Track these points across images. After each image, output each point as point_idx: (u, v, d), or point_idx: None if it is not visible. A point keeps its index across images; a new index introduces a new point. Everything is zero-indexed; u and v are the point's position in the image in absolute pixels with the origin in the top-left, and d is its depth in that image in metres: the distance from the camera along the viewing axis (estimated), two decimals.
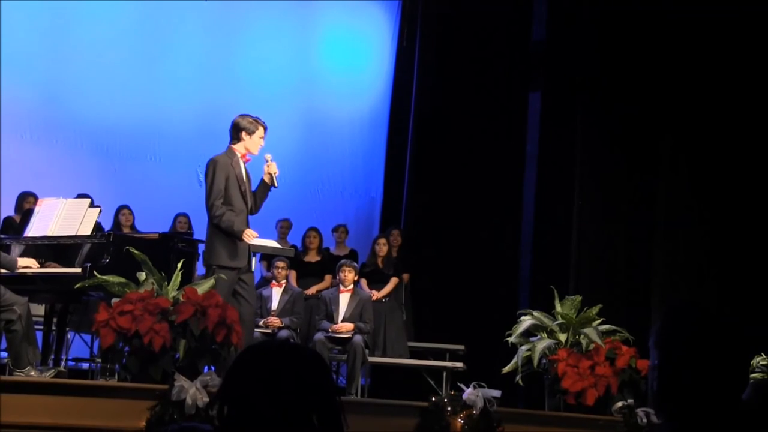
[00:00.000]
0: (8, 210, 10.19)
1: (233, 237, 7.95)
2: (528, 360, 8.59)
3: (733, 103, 11.72)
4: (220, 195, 7.98)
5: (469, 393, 7.46)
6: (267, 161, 8.26)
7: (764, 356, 9.07)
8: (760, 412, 2.58)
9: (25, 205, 9.73)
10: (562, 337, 8.62)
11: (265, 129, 8.21)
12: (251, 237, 7.98)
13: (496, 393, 7.68)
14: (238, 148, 8.15)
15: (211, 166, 8.05)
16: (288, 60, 13.54)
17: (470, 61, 12.90)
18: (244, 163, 8.20)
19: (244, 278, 8.09)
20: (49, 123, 11.89)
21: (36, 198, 9.42)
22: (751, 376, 8.21)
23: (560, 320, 8.67)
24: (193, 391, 6.28)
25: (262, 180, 8.28)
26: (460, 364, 10.70)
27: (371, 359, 10.58)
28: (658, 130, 12.10)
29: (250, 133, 8.14)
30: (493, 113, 12.72)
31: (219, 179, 7.99)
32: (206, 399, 6.22)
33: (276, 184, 8.28)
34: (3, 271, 7.42)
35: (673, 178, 12.10)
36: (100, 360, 8.35)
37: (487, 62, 12.83)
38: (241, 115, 8.18)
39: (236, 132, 8.15)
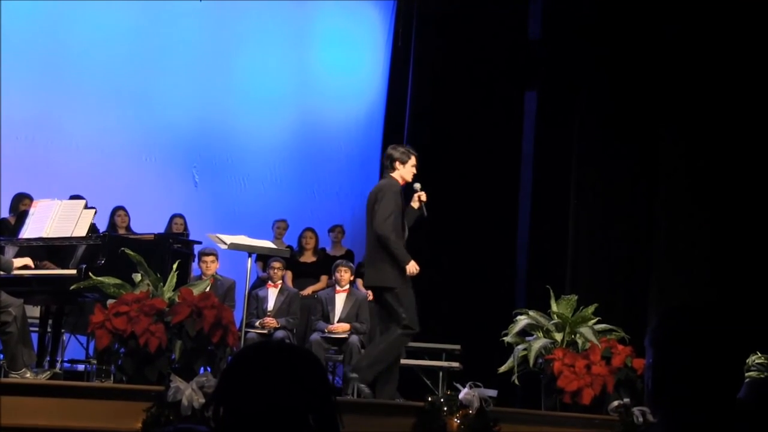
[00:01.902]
0: (3, 211, 10.18)
1: (396, 261, 8.14)
2: (524, 359, 8.59)
3: (732, 103, 11.72)
4: (392, 218, 8.20)
5: (465, 393, 7.46)
6: (417, 190, 8.46)
7: (760, 355, 9.07)
8: (755, 410, 2.59)
9: (21, 206, 9.71)
10: (558, 336, 8.62)
11: (416, 158, 8.44)
12: (415, 270, 8.18)
13: (493, 393, 7.68)
14: (394, 175, 8.38)
15: (389, 190, 8.27)
16: (284, 60, 13.53)
17: (466, 61, 12.89)
18: (418, 193, 8.48)
19: None
20: (44, 124, 11.87)
21: (31, 199, 9.41)
22: (747, 374, 8.22)
23: (556, 319, 8.68)
24: (189, 393, 6.27)
25: (410, 206, 8.46)
26: (456, 364, 10.72)
27: None
28: (656, 129, 12.11)
29: (404, 162, 8.38)
30: (489, 112, 12.72)
31: (397, 207, 8.23)
32: (202, 400, 6.21)
33: (425, 213, 8.48)
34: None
35: (671, 177, 12.10)
36: (95, 361, 8.33)
37: (482, 61, 12.82)
38: (393, 147, 8.50)
39: (391, 162, 8.40)
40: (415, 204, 8.45)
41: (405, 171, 8.39)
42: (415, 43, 13.58)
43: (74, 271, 7.38)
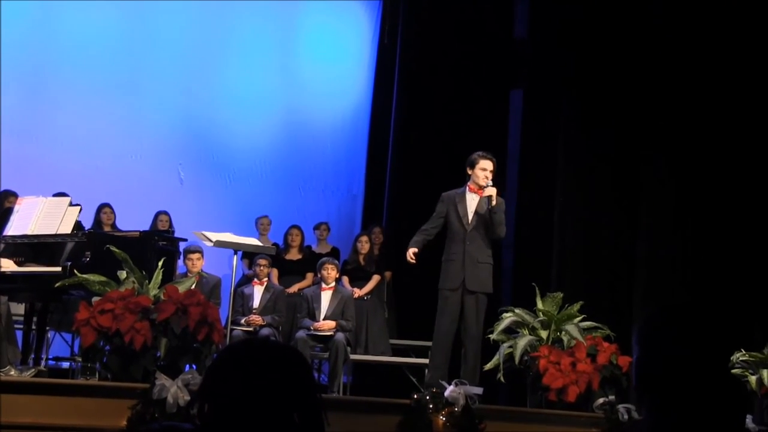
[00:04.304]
0: None
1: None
2: (510, 357, 8.61)
3: (715, 102, 11.74)
4: (433, 222, 8.89)
5: (451, 390, 7.47)
6: (484, 186, 8.70)
7: (743, 352, 9.11)
8: (737, 407, 2.59)
9: (6, 203, 9.68)
10: (544, 333, 8.64)
11: (492, 162, 8.73)
12: (409, 255, 8.85)
13: (478, 390, 7.69)
14: (469, 183, 8.76)
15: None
16: (270, 58, 13.52)
17: (452, 59, 12.91)
18: (478, 195, 8.72)
19: (467, 300, 8.61)
20: (30, 122, 11.84)
21: (16, 196, 9.38)
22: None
23: (542, 317, 8.70)
24: (174, 390, 6.26)
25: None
26: None
27: (353, 357, 10.59)
28: (640, 128, 12.12)
29: (472, 167, 8.74)
30: (475, 110, 12.72)
31: (437, 212, 8.91)
32: (187, 397, 6.21)
33: (488, 206, 8.65)
34: None
35: (656, 176, 12.12)
36: (80, 359, 8.32)
37: (468, 60, 12.83)
38: (474, 152, 8.81)
39: (465, 168, 8.79)
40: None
41: (474, 175, 8.73)
42: (401, 42, 13.59)
43: (59, 269, 7.35)
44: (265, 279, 10.84)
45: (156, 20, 12.74)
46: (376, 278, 11.41)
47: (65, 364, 9.84)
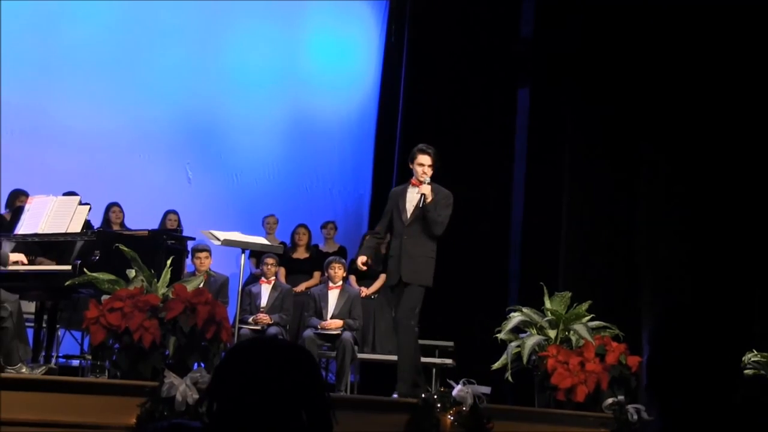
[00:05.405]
0: None
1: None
2: (518, 356, 8.60)
3: (713, 102, 11.73)
4: (382, 222, 8.65)
5: (458, 390, 7.47)
6: (422, 183, 8.44)
7: (755, 352, 9.10)
8: (749, 408, 2.60)
9: (17, 202, 9.72)
10: (552, 333, 8.63)
11: (430, 156, 8.41)
12: (359, 264, 8.67)
13: (486, 389, 7.69)
14: (413, 177, 8.51)
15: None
16: (276, 58, 13.53)
17: (458, 58, 12.91)
18: (418, 188, 8.44)
19: (401, 291, 8.50)
20: (39, 121, 11.86)
21: (27, 196, 9.41)
22: (743, 372, 8.24)
23: (550, 316, 8.69)
24: (183, 388, 6.28)
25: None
26: (449, 361, 10.73)
27: (360, 356, 10.59)
28: (642, 128, 12.11)
29: (411, 161, 8.49)
30: (482, 110, 12.73)
31: (386, 210, 8.61)
32: (196, 396, 6.22)
33: (421, 204, 8.37)
34: None
35: (658, 175, 12.11)
36: (90, 357, 8.35)
37: (475, 59, 12.83)
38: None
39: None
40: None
41: (414, 169, 8.47)
42: (407, 40, 13.59)
43: (69, 267, 7.38)
44: (273, 278, 10.86)
45: (163, 18, 12.75)
46: (383, 277, 11.39)
47: (75, 362, 9.87)
